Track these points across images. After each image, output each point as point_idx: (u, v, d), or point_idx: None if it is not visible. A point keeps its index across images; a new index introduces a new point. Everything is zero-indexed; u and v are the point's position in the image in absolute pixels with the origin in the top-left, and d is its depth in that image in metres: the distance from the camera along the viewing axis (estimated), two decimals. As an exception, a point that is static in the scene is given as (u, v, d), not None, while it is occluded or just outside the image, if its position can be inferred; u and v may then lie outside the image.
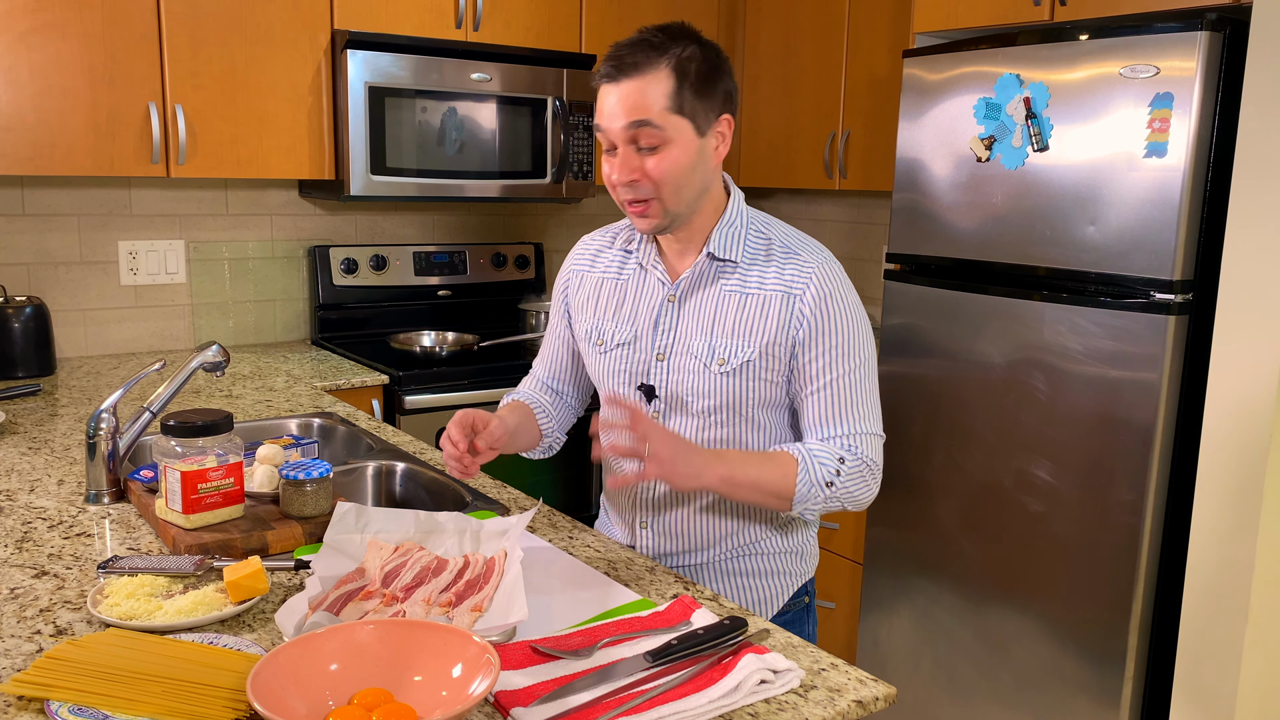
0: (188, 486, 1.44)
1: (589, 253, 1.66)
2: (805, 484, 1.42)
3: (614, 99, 1.41)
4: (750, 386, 1.48)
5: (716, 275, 1.51)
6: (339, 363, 2.91)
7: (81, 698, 1.01)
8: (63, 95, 2.50)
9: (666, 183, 1.42)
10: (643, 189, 1.43)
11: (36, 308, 2.68)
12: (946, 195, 2.53)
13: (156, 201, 2.99)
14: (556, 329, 1.71)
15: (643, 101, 1.39)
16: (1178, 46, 2.07)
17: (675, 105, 1.40)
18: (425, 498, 1.85)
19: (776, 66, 3.49)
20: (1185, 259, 2.13)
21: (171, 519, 1.47)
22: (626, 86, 1.40)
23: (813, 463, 1.43)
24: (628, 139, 1.41)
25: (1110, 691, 2.28)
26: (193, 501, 1.45)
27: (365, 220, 3.34)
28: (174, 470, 1.45)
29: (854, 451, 1.46)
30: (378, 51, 2.82)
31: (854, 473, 1.45)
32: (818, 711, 1.07)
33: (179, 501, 1.45)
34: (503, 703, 1.04)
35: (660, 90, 1.39)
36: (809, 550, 1.64)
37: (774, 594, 1.60)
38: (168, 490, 1.47)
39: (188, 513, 1.45)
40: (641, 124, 1.39)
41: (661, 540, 1.59)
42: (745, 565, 1.58)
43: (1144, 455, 2.18)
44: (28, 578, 1.36)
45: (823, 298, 1.45)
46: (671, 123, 1.40)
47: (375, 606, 1.23)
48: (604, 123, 1.43)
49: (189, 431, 1.47)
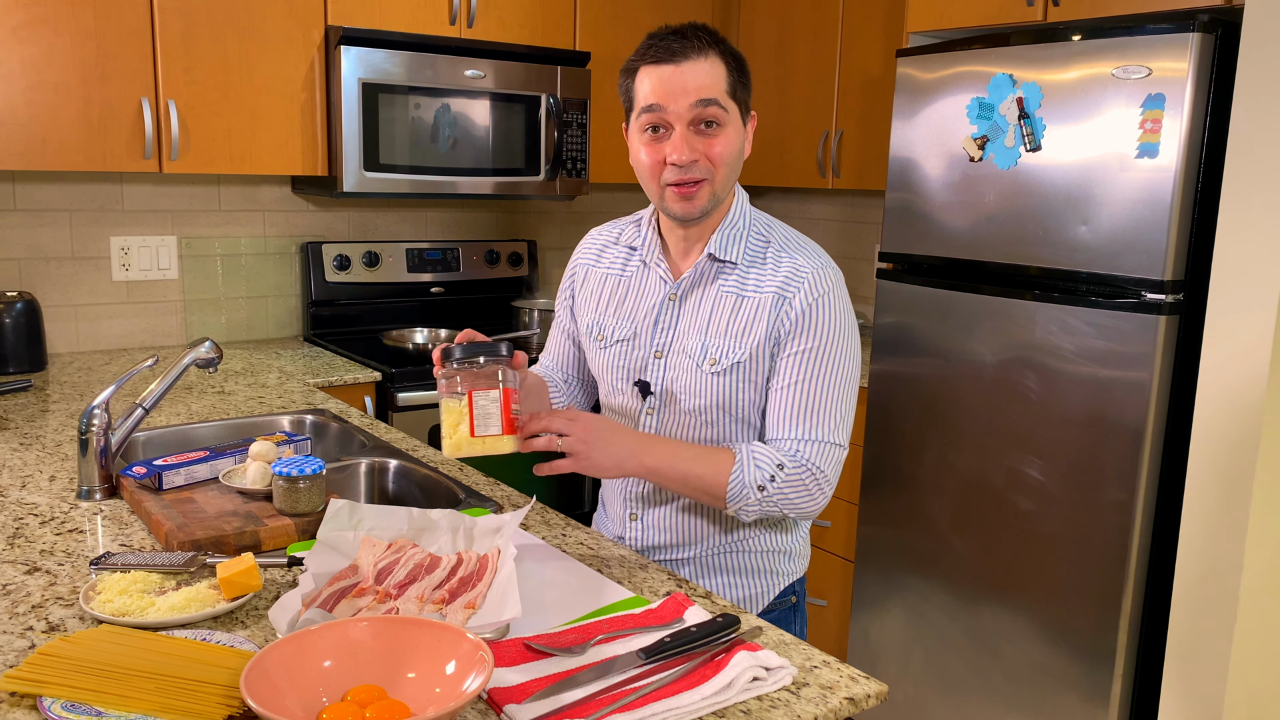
0: (506, 405, 1.33)
1: (595, 248, 1.67)
2: (738, 484, 1.42)
3: (677, 78, 1.40)
4: (739, 388, 1.49)
5: (716, 275, 1.52)
6: (331, 359, 2.90)
7: (74, 694, 1.01)
8: (55, 90, 2.49)
9: (723, 164, 1.44)
10: (699, 169, 1.43)
11: (28, 303, 2.67)
12: (939, 195, 2.54)
13: (149, 197, 2.98)
14: (562, 322, 1.73)
15: (708, 81, 1.41)
16: (1170, 48, 2.08)
17: (731, 90, 1.43)
18: (418, 495, 1.85)
19: (770, 65, 3.49)
20: (1176, 259, 2.14)
21: (476, 449, 1.34)
22: (690, 67, 1.40)
23: (750, 464, 1.42)
24: (691, 118, 1.42)
25: (1100, 689, 2.29)
26: (510, 422, 1.34)
27: (358, 217, 3.33)
28: (490, 392, 1.33)
29: (798, 458, 1.43)
30: (371, 48, 2.81)
31: (792, 480, 1.43)
32: (810, 709, 1.08)
33: (498, 424, 1.33)
34: (496, 699, 1.04)
35: (720, 73, 1.42)
36: (799, 550, 1.64)
37: (759, 592, 1.60)
38: (474, 415, 1.33)
39: (506, 434, 1.33)
40: (709, 102, 1.41)
41: (651, 533, 1.60)
42: (732, 562, 1.59)
43: (1134, 454, 2.20)
44: (19, 574, 1.35)
45: (813, 300, 1.46)
46: (730, 106, 1.44)
47: (368, 603, 1.23)
48: (665, 102, 1.41)
49: (484, 350, 1.36)
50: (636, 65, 1.45)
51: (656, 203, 1.51)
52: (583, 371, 1.75)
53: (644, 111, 1.44)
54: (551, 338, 1.77)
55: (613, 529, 1.66)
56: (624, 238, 1.63)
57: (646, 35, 1.46)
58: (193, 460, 1.66)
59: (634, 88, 1.46)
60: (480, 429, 1.33)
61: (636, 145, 1.48)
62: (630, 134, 1.50)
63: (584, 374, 1.75)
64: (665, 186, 1.45)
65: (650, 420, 1.56)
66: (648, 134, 1.45)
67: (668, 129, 1.43)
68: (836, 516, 3.00)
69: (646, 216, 1.60)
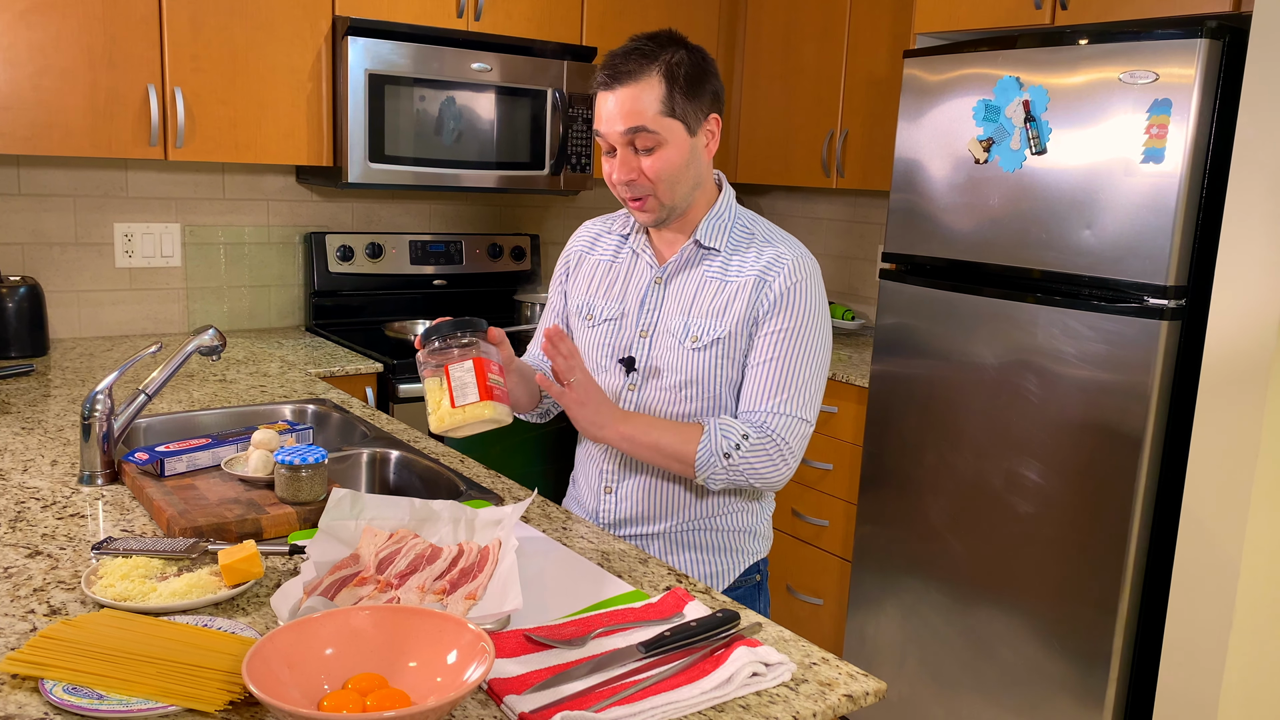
0: (480, 373, 1.38)
1: (589, 236, 1.80)
2: (705, 452, 1.53)
3: (611, 105, 1.53)
4: (718, 364, 1.59)
5: (700, 260, 1.64)
6: (333, 349, 2.91)
7: (76, 677, 1.01)
8: (61, 75, 2.49)
9: (661, 180, 1.55)
10: (641, 187, 1.56)
11: (31, 288, 2.67)
12: (943, 196, 2.54)
13: (153, 184, 2.98)
14: (555, 306, 1.83)
15: (637, 107, 1.52)
16: (1177, 53, 2.08)
17: (667, 109, 1.52)
18: (419, 486, 1.85)
19: (776, 64, 3.49)
20: (1179, 265, 2.14)
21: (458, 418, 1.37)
22: (622, 94, 1.52)
23: (717, 434, 1.53)
24: (625, 142, 1.54)
25: (1095, 692, 2.30)
26: (488, 389, 1.37)
27: (362, 208, 3.33)
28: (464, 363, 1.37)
29: (765, 428, 1.54)
30: (378, 39, 2.81)
31: (757, 448, 1.53)
32: (808, 705, 1.08)
33: (475, 392, 1.37)
34: (496, 690, 1.04)
35: (653, 95, 1.52)
36: (762, 532, 1.75)
37: (726, 569, 1.71)
38: (452, 388, 1.38)
39: (485, 400, 1.36)
40: (637, 129, 1.52)
41: (625, 506, 1.69)
42: (699, 539, 1.69)
43: (1133, 459, 2.20)
44: (21, 557, 1.36)
45: (791, 284, 1.57)
46: (664, 125, 1.53)
47: (369, 593, 1.23)
48: (603, 128, 1.55)
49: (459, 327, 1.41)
50: (595, 87, 1.58)
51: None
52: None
53: (597, 133, 1.58)
54: (543, 322, 1.86)
55: (587, 504, 1.75)
56: (616, 227, 1.76)
57: (606, 54, 1.57)
58: (195, 447, 1.66)
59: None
60: (459, 399, 1.38)
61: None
62: None
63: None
64: (623, 198, 1.60)
65: (631, 396, 1.66)
66: (605, 153, 1.59)
67: (613, 149, 1.57)
68: (834, 516, 3.01)
69: None
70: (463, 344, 1.41)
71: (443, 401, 1.38)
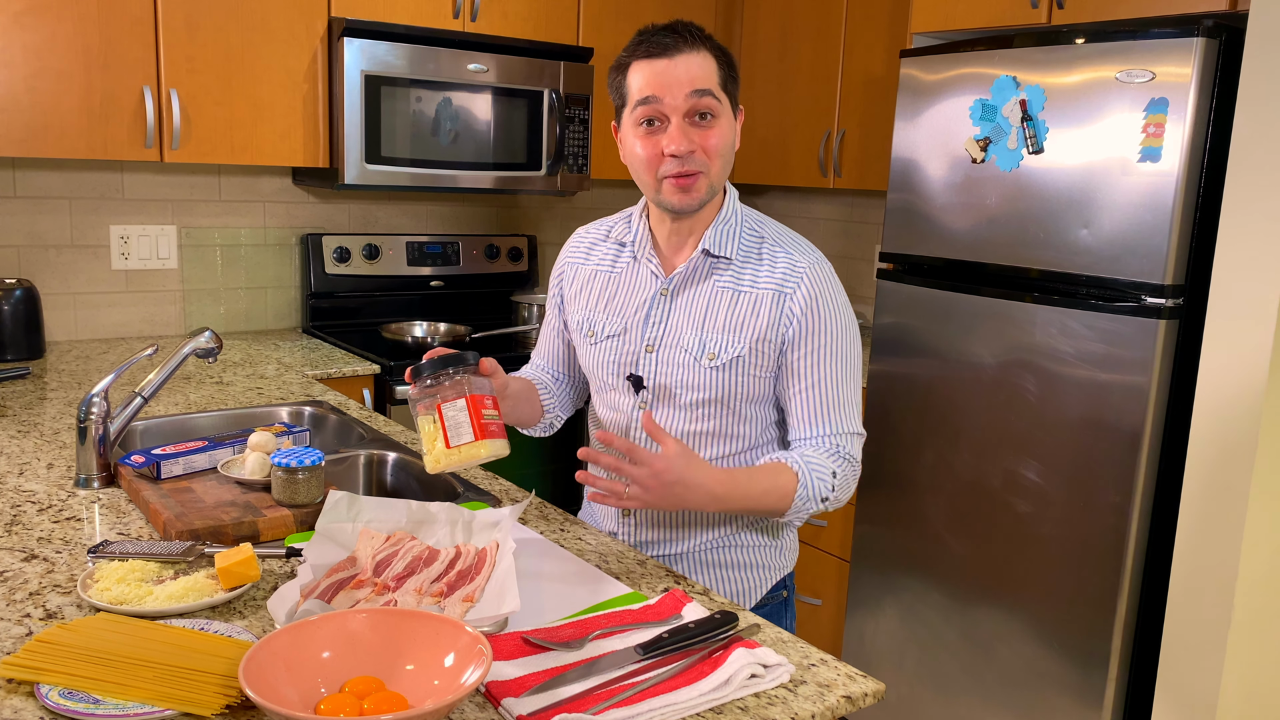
0: (474, 411, 1.34)
1: (583, 245, 1.68)
2: (803, 499, 1.46)
3: (674, 70, 1.42)
4: (739, 381, 1.51)
5: (710, 271, 1.53)
6: (330, 351, 2.90)
7: (72, 681, 1.01)
8: (56, 77, 2.48)
9: (719, 155, 1.46)
10: (697, 161, 1.44)
11: (26, 290, 2.67)
12: (941, 196, 2.54)
13: (149, 186, 2.98)
14: (552, 321, 1.74)
15: (702, 73, 1.43)
16: (1174, 52, 2.08)
17: (722, 83, 1.46)
18: (416, 488, 1.85)
19: (773, 63, 3.49)
20: (1177, 264, 2.14)
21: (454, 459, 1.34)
22: (684, 60, 1.42)
23: (811, 478, 1.45)
24: (687, 109, 1.43)
25: (1093, 692, 2.30)
26: (482, 427, 1.35)
27: (358, 209, 3.33)
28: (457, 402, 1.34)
29: (841, 454, 1.50)
30: (374, 40, 2.81)
31: (843, 481, 1.50)
32: (807, 706, 1.08)
33: (470, 431, 1.34)
34: (494, 693, 1.04)
35: (712, 66, 1.45)
36: (788, 544, 1.67)
37: (752, 586, 1.62)
38: (445, 427, 1.34)
39: (481, 439, 1.34)
40: (705, 92, 1.43)
41: (645, 529, 1.60)
42: (724, 557, 1.61)
43: (1131, 458, 2.20)
44: (17, 561, 1.35)
45: (813, 298, 1.49)
46: (723, 98, 1.46)
47: (367, 595, 1.23)
48: (660, 93, 1.42)
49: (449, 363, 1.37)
50: (629, 60, 1.47)
51: (652, 196, 1.51)
52: (573, 370, 1.76)
53: (640, 104, 1.44)
54: (542, 337, 1.78)
55: (605, 525, 1.66)
56: (614, 233, 1.64)
57: (636, 32, 1.48)
58: (191, 450, 1.65)
59: (626, 83, 1.47)
60: (454, 439, 1.34)
61: (631, 140, 1.49)
62: (623, 129, 1.51)
63: (575, 372, 1.76)
64: (663, 179, 1.46)
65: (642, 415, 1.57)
66: (643, 127, 1.46)
67: (664, 121, 1.44)
68: (832, 516, 3.01)
69: (637, 212, 1.61)
70: (455, 380, 1.38)
71: (437, 442, 1.35)
